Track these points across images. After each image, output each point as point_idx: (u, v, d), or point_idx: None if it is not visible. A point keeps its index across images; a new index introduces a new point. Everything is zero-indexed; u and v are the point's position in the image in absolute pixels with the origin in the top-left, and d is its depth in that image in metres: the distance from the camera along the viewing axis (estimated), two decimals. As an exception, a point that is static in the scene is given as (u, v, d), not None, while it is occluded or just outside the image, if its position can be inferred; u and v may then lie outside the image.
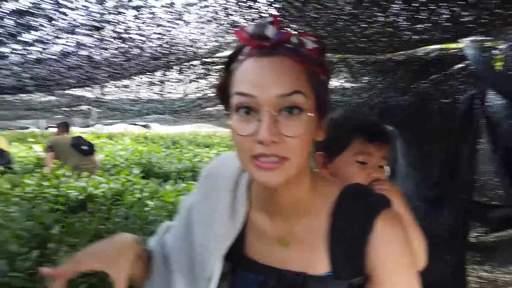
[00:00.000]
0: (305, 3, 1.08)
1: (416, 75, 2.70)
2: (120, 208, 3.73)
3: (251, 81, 0.70)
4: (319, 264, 0.80)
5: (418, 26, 1.09)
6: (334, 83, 3.07)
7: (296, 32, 0.76)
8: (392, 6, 0.97)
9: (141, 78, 2.47)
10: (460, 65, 2.60)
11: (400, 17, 1.04)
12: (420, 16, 1.03)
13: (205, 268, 0.85)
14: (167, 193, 4.27)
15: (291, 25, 1.35)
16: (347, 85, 3.11)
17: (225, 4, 1.36)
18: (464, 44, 2.17)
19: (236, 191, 0.89)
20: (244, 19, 1.50)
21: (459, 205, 3.14)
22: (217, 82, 0.81)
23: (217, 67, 2.66)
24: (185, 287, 0.89)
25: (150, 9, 1.09)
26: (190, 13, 1.30)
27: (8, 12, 0.84)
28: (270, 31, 0.71)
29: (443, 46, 2.35)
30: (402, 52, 2.14)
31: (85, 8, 0.91)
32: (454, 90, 2.80)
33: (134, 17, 1.10)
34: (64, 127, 5.59)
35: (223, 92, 0.77)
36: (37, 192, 3.91)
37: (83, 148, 5.22)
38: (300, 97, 0.69)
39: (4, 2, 0.85)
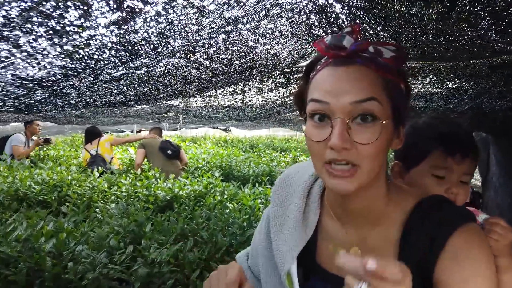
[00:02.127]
0: (388, 19, 1.07)
1: (513, 79, 2.46)
2: (203, 209, 3.94)
3: (325, 89, 0.71)
4: None
5: (510, 39, 1.02)
6: (420, 88, 2.94)
7: (375, 41, 0.75)
8: (481, 22, 0.92)
9: (225, 89, 2.61)
10: None
11: (489, 32, 0.98)
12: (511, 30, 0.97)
13: (283, 271, 0.86)
14: (245, 196, 4.40)
15: (374, 39, 1.35)
16: (434, 90, 2.95)
17: (306, 20, 1.41)
18: None
19: (309, 198, 0.90)
20: (326, 33, 1.53)
21: None
22: (295, 90, 0.83)
23: (296, 76, 2.71)
24: None
25: (238, 32, 1.17)
26: (273, 31, 1.37)
27: (120, 43, 0.98)
28: (347, 41, 0.71)
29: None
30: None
31: (184, 36, 1.02)
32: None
33: (223, 41, 1.19)
34: (157, 131, 6.10)
35: (300, 99, 0.79)
36: (131, 192, 4.30)
37: (168, 152, 5.64)
38: (374, 104, 0.69)
39: (117, 36, 0.99)
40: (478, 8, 0.85)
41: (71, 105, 1.70)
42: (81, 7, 0.76)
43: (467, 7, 0.85)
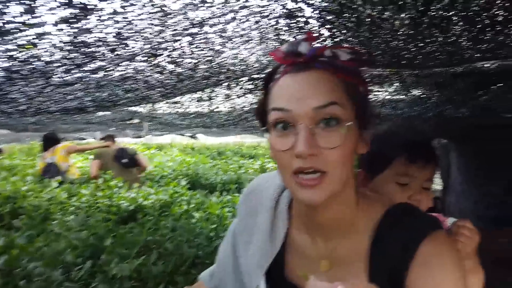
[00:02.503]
0: (359, 24, 1.05)
1: (475, 87, 2.54)
2: (168, 219, 3.82)
3: (286, 96, 0.70)
4: None
5: (481, 46, 1.02)
6: (385, 95, 2.98)
7: (331, 46, 0.74)
8: (453, 27, 0.92)
9: (191, 95, 2.53)
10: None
11: (461, 38, 0.98)
12: (484, 37, 0.97)
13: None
14: (212, 204, 4.31)
15: (343, 45, 1.33)
16: (400, 97, 3.01)
17: (276, 25, 1.37)
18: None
19: (277, 210, 0.87)
20: (295, 38, 1.49)
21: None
22: (256, 103, 0.82)
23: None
24: None
25: (204, 35, 1.11)
26: (240, 36, 1.32)
27: (73, 44, 0.89)
28: (303, 47, 0.71)
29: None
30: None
31: (145, 39, 0.95)
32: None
33: (188, 43, 1.13)
34: (109, 138, 5.86)
35: (261, 112, 0.77)
36: (92, 202, 4.10)
37: (123, 161, 5.42)
38: (336, 108, 0.68)
39: (71, 34, 0.91)
40: (452, 12, 0.84)
41: (21, 112, 1.57)
42: (24, 1, 0.67)
43: (441, 12, 0.84)
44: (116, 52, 0.95)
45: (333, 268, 0.80)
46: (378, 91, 2.86)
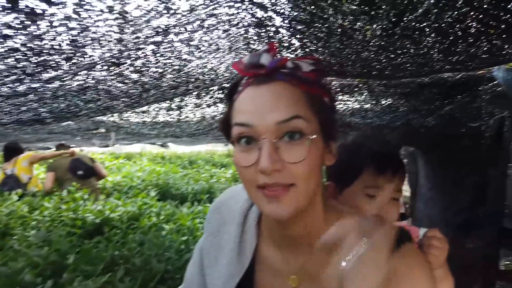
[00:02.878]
0: (330, 34, 1.03)
1: (441, 96, 2.61)
2: (136, 232, 3.69)
3: (248, 110, 0.68)
4: None
5: (452, 58, 1.02)
6: (355, 105, 3.01)
7: (293, 57, 0.72)
8: (425, 39, 0.91)
9: (159, 104, 2.45)
10: (488, 87, 2.50)
11: (433, 49, 0.98)
12: (456, 49, 0.97)
13: None
14: (183, 216, 4.21)
15: (314, 56, 1.30)
16: (369, 106, 3.05)
17: (245, 34, 1.33)
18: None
19: (245, 225, 0.86)
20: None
21: (488, 232, 2.98)
22: (221, 117, 0.79)
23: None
24: None
25: (170, 44, 1.06)
26: (209, 44, 1.27)
27: (25, 52, 0.82)
28: (265, 59, 0.69)
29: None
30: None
31: (104, 47, 0.88)
32: (482, 112, 2.69)
33: (153, 52, 1.07)
34: (63, 148, 5.61)
35: (226, 125, 0.75)
36: (55, 216, 3.91)
37: (79, 172, 5.19)
38: (300, 121, 0.67)
39: (22, 43, 0.83)
40: (424, 24, 0.83)
41: (-31, 124, 1.45)
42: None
43: (413, 23, 0.83)
44: (72, 61, 0.88)
45: (302, 283, 0.78)
46: (349, 101, 2.88)
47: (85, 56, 0.89)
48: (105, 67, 1.03)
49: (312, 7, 0.91)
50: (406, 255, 0.72)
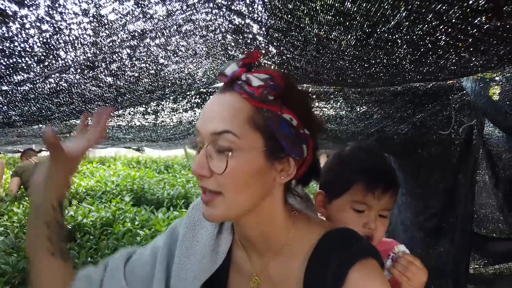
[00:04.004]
0: (306, 43, 1.04)
1: (413, 105, 2.69)
2: (110, 238, 3.61)
3: (201, 117, 0.73)
4: None
5: (423, 68, 1.06)
6: (330, 112, 3.05)
7: (258, 69, 0.74)
8: (397, 50, 0.94)
9: (135, 108, 2.41)
10: (457, 96, 2.60)
11: (405, 60, 1.01)
12: (427, 60, 1.00)
13: None
14: (158, 221, 4.16)
15: (291, 63, 1.32)
16: (344, 113, 3.10)
17: (222, 40, 1.33)
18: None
19: (223, 225, 0.88)
20: (242, 54, 1.47)
21: (459, 237, 3.07)
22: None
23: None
24: None
25: (146, 48, 1.05)
26: (186, 50, 1.27)
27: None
28: (230, 68, 0.71)
29: (441, 78, 2.34)
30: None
31: (77, 50, 0.87)
32: (451, 120, 2.79)
33: (128, 56, 1.05)
34: (29, 153, 5.46)
35: None
36: (24, 222, 3.78)
37: None
38: (230, 136, 0.69)
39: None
40: (397, 36, 0.85)
41: None
42: None
43: (386, 35, 0.85)
44: (44, 63, 0.85)
45: (263, 285, 0.80)
46: (325, 108, 2.92)
47: (57, 59, 0.87)
48: (79, 70, 1.01)
49: (289, 16, 0.92)
50: (365, 269, 0.73)
